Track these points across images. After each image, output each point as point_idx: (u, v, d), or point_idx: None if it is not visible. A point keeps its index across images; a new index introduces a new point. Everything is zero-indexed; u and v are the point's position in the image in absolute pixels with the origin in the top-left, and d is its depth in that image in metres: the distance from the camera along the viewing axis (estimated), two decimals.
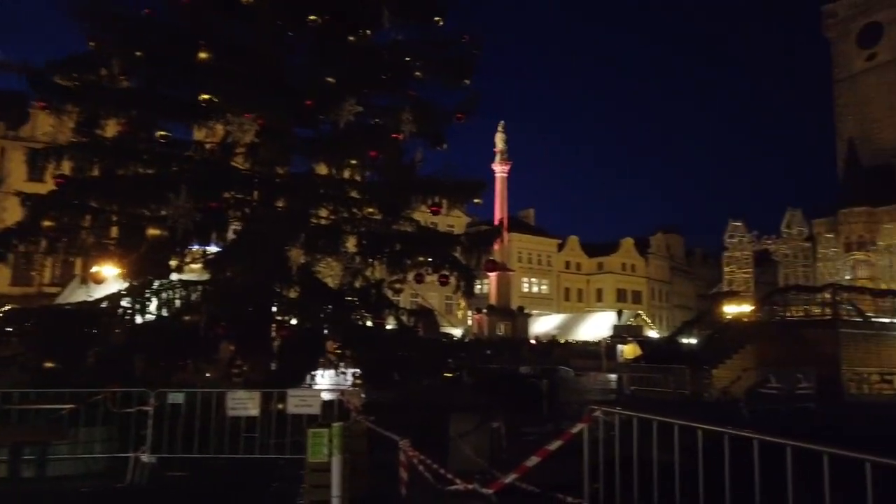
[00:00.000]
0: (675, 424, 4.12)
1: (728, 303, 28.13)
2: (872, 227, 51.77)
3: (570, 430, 5.01)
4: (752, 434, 3.95)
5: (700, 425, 3.95)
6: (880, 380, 21.41)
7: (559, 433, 9.67)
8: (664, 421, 4.31)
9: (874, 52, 61.38)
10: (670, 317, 72.36)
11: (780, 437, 3.76)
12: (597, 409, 4.95)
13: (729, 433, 3.75)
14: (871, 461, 3.23)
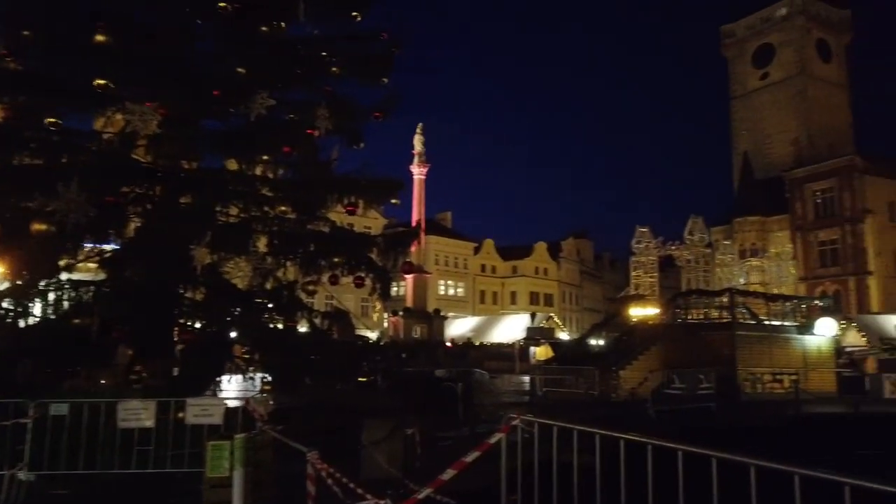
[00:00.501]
0: (597, 434, 4.06)
1: (635, 306, 29.28)
2: (764, 235, 55.62)
3: (489, 441, 4.86)
4: (648, 440, 3.96)
5: (622, 435, 3.91)
6: (772, 379, 22.85)
7: (476, 440, 9.59)
8: (585, 430, 4.23)
9: (767, 71, 65.97)
10: (580, 319, 74.75)
11: (674, 441, 3.82)
12: (516, 417, 4.83)
13: (653, 443, 3.73)
14: (755, 465, 3.36)
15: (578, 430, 4.24)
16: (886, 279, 51.16)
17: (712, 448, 3.62)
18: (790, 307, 26.52)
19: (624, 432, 3.87)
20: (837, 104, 64.94)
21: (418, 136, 36.36)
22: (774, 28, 65.47)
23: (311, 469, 6.27)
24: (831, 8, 65.66)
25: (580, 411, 16.98)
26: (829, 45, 65.39)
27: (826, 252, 52.85)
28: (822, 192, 54.16)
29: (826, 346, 25.23)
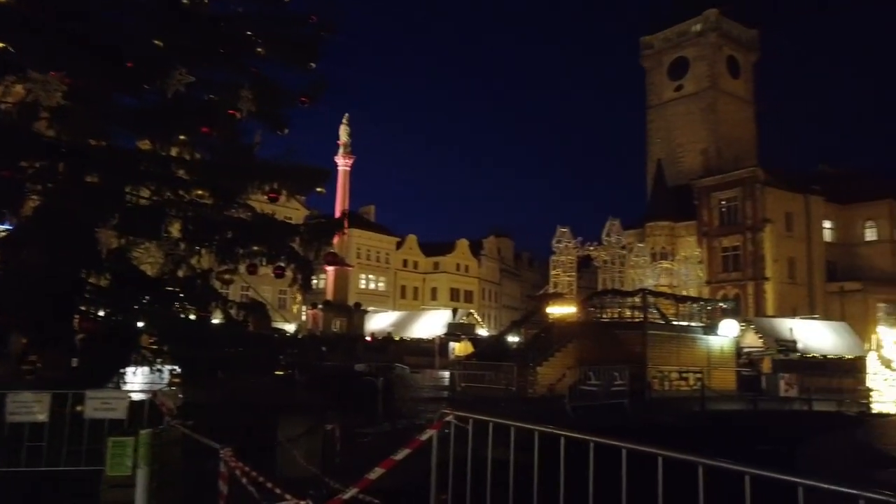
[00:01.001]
0: (536, 430, 3.99)
1: (553, 304, 29.95)
2: (674, 239, 58.35)
3: (419, 437, 4.69)
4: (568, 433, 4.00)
5: (562, 432, 3.86)
6: (679, 377, 23.96)
7: (397, 436, 9.39)
8: (522, 427, 4.15)
9: (681, 84, 69.10)
10: (499, 316, 75.97)
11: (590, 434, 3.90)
12: (448, 413, 4.68)
13: (594, 441, 3.70)
14: (662, 455, 3.60)
15: (515, 427, 4.16)
16: (781, 284, 54.78)
17: (617, 438, 3.78)
18: (697, 308, 27.90)
19: (559, 429, 3.84)
20: (744, 118, 68.90)
21: (344, 126, 35.72)
22: (689, 42, 68.62)
23: (224, 467, 5.92)
24: (742, 27, 69.55)
25: (499, 407, 17.16)
26: (739, 62, 69.23)
27: (729, 258, 56.01)
28: (727, 201, 57.27)
29: (728, 346, 26.71)
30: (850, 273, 57.20)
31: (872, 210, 58.65)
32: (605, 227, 34.28)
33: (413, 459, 5.04)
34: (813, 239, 56.98)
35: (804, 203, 57.03)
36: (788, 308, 51.94)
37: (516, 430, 4.18)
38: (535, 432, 3.95)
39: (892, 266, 57.51)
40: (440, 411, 4.79)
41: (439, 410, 4.85)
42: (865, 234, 59.18)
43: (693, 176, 61.61)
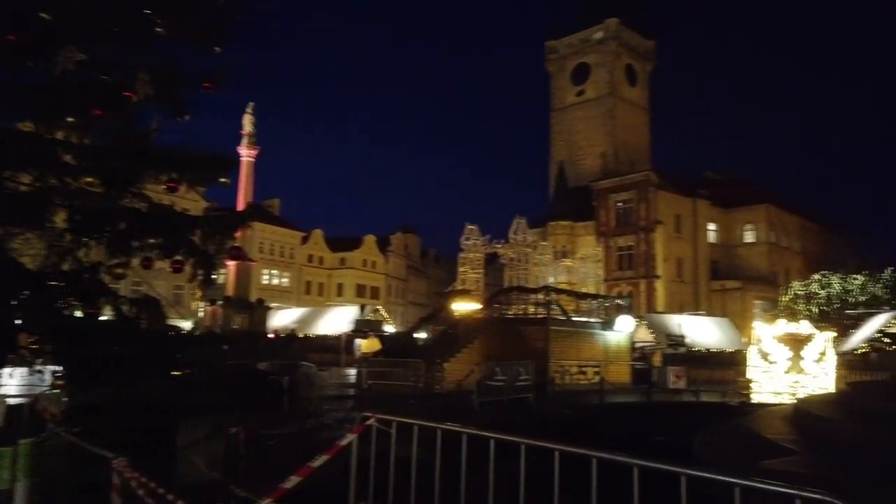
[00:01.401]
0: (464, 433, 3.91)
1: (460, 300, 30.25)
2: (573, 239, 60.62)
3: (339, 443, 4.49)
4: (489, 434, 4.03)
5: (493, 435, 3.80)
6: (578, 371, 24.88)
7: (305, 437, 9.08)
8: (450, 429, 4.06)
9: (583, 89, 71.82)
10: (405, 313, 75.96)
11: (493, 431, 3.97)
12: (370, 416, 4.52)
13: (525, 443, 3.67)
14: (559, 450, 3.71)
15: (442, 429, 4.07)
16: (670, 283, 58.22)
17: (525, 436, 3.85)
18: (595, 305, 29.08)
19: (489, 431, 3.80)
20: (639, 124, 72.58)
21: (249, 115, 34.29)
22: (591, 49, 71.39)
23: (118, 478, 5.46)
24: (639, 37, 73.15)
25: (408, 404, 17.09)
26: (636, 71, 72.80)
27: (624, 257, 58.92)
28: (623, 203, 60.16)
29: (624, 341, 28.03)
30: (730, 272, 61.66)
31: (751, 214, 63.47)
32: (512, 226, 35.07)
33: (330, 462, 4.83)
34: (699, 240, 60.91)
35: (692, 206, 60.84)
36: (676, 305, 55.32)
37: (424, 431, 4.08)
38: (464, 435, 3.88)
39: (767, 266, 62.58)
40: (362, 414, 4.60)
41: (354, 412, 4.67)
42: (745, 237, 63.97)
43: (592, 178, 64.22)
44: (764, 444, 7.88)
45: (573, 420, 14.95)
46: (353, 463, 4.57)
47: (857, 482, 5.22)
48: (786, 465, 6.09)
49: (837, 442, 6.78)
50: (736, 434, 9.83)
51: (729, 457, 8.03)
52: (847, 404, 8.33)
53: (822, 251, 69.51)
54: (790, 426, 8.58)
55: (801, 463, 6.17)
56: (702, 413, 17.12)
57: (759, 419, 9.46)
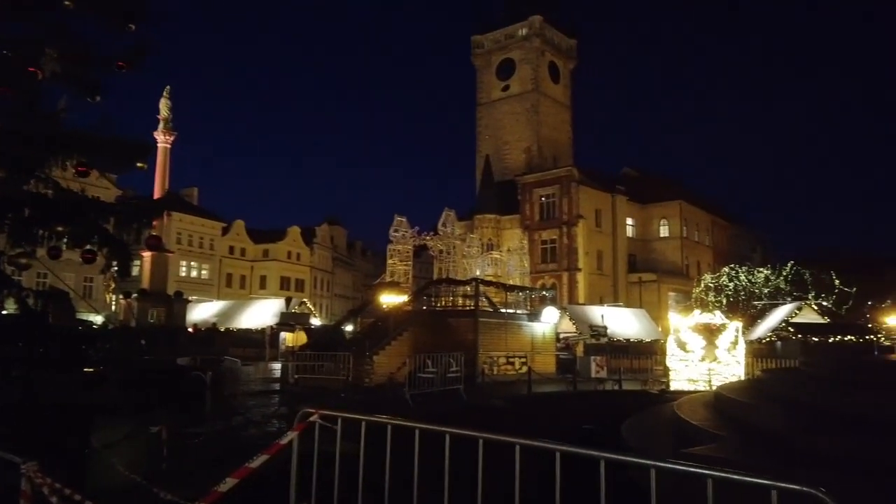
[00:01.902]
0: (416, 428, 3.76)
1: (389, 292, 29.98)
2: (500, 231, 61.42)
3: (280, 441, 4.25)
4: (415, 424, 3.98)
5: (444, 429, 3.68)
6: (506, 362, 25.22)
7: (231, 434, 8.71)
8: (402, 424, 3.90)
9: (508, 84, 72.69)
10: (331, 305, 74.88)
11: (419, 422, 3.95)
12: (313, 412, 4.29)
13: (484, 437, 3.57)
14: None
15: (392, 425, 3.91)
16: (591, 275, 60.00)
17: (456, 425, 3.85)
18: (522, 297, 29.54)
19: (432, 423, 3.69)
20: (562, 121, 74.22)
21: (165, 100, 32.65)
22: (516, 45, 72.30)
23: (27, 484, 5.01)
24: (562, 35, 74.72)
25: (338, 398, 16.79)
26: (559, 68, 74.34)
27: (547, 250, 60.24)
28: (547, 197, 61.41)
29: (549, 332, 28.63)
30: (646, 265, 64.24)
31: (666, 210, 66.29)
32: (441, 218, 35.04)
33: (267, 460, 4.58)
34: (618, 234, 63.05)
35: (611, 202, 62.86)
36: (596, 296, 57.09)
37: (368, 425, 3.93)
38: (416, 430, 3.74)
39: (680, 259, 65.63)
40: (303, 410, 4.36)
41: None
42: (660, 231, 66.75)
43: (517, 172, 65.17)
44: (689, 430, 8.16)
45: (503, 410, 15.10)
46: (294, 462, 4.33)
47: (779, 465, 5.46)
48: (712, 450, 6.30)
49: (757, 427, 7.07)
50: (661, 420, 10.16)
51: (657, 443, 8.27)
52: (763, 391, 8.75)
53: (730, 246, 73.71)
54: (712, 412, 8.93)
55: (726, 448, 6.40)
56: (625, 401, 17.69)
57: (682, 406, 9.81)
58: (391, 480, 3.92)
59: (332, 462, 4.18)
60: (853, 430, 5.70)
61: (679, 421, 8.96)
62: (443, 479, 3.73)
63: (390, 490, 3.88)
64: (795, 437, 6.02)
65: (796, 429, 6.34)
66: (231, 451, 8.16)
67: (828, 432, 5.85)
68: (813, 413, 6.56)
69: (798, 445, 5.80)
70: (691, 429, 8.15)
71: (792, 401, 7.44)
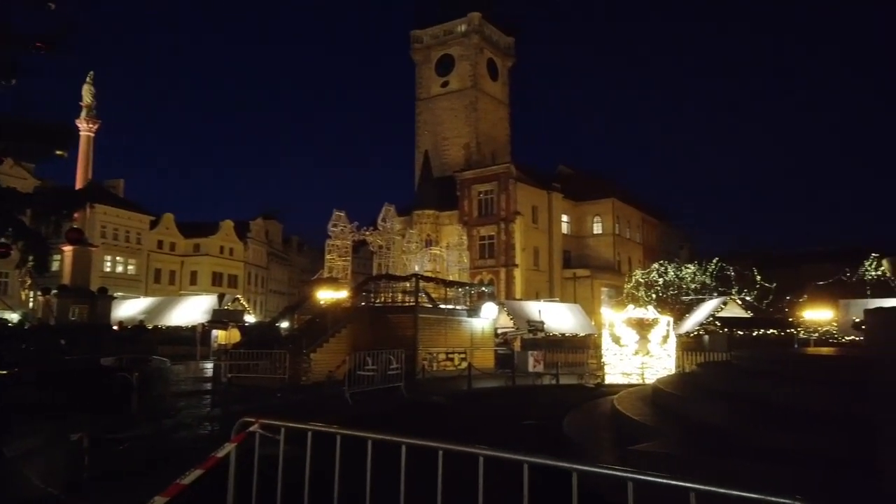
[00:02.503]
0: (369, 439, 3.54)
1: (327, 288, 29.41)
2: (438, 227, 61.45)
3: (216, 454, 3.90)
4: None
5: (406, 440, 3.47)
6: (445, 358, 25.19)
7: (162, 439, 8.25)
8: (352, 434, 3.67)
9: (447, 80, 72.71)
10: (265, 302, 73.12)
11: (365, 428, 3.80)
12: (253, 421, 3.99)
13: (407, 442, 3.39)
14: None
15: (342, 435, 3.67)
16: (528, 271, 60.88)
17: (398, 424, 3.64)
18: (462, 293, 29.59)
19: (374, 422, 3.50)
20: (500, 118, 74.86)
21: (88, 86, 30.93)
22: (455, 41, 72.38)
23: None
24: (500, 33, 75.30)
25: (274, 398, 16.29)
26: (497, 66, 74.89)
27: (485, 245, 60.72)
28: (485, 194, 61.86)
29: (488, 327, 28.78)
30: (580, 261, 65.74)
31: (599, 207, 67.99)
32: (381, 213, 34.60)
33: (189, 461, 4.23)
34: (553, 231, 64.21)
35: (547, 199, 63.93)
36: (532, 292, 58.02)
37: (368, 443, 3.67)
38: (369, 440, 3.52)
39: (612, 256, 67.48)
40: (242, 420, 4.03)
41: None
42: (593, 228, 68.41)
43: (456, 168, 65.36)
44: (629, 425, 8.26)
45: (444, 407, 15.03)
46: (231, 477, 3.98)
47: (722, 460, 5.53)
48: (655, 446, 6.34)
49: (696, 422, 7.19)
50: (601, 415, 10.29)
51: (598, 439, 8.33)
52: (699, 384, 8.95)
53: (659, 243, 76.39)
54: (651, 407, 9.07)
55: (669, 444, 6.45)
56: (563, 395, 17.96)
57: (621, 401, 9.95)
58: (341, 491, 3.69)
59: (275, 474, 3.91)
60: (791, 423, 5.86)
61: (619, 416, 9.06)
62: (398, 491, 3.55)
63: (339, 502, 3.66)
64: (735, 431, 6.15)
65: (735, 423, 6.48)
66: (161, 457, 7.72)
67: (766, 426, 6.00)
68: (751, 407, 6.72)
69: (738, 439, 5.93)
70: (631, 424, 8.25)
71: (730, 395, 7.60)
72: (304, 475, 3.78)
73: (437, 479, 3.44)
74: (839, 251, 61.45)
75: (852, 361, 7.57)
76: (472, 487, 3.30)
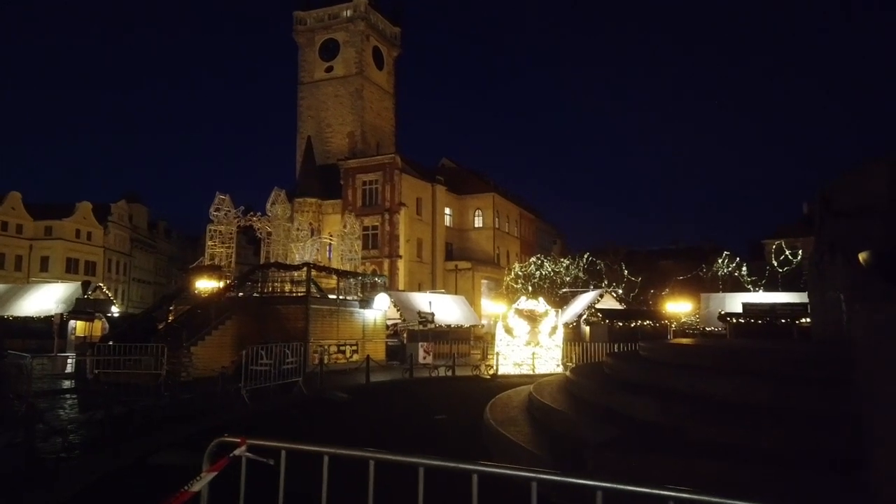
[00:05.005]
0: (370, 459, 2.98)
1: (209, 277, 27.50)
2: (321, 216, 59.90)
3: (187, 489, 2.99)
4: None
5: (401, 458, 2.97)
6: (337, 350, 24.42)
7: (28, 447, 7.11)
8: (387, 459, 3.10)
9: (332, 65, 70.85)
10: (128, 291, 67.62)
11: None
12: (237, 441, 3.15)
13: (373, 457, 2.94)
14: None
15: (328, 455, 3.08)
16: (411, 262, 60.95)
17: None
18: (354, 283, 28.86)
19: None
20: (385, 108, 74.16)
21: None
22: (340, 26, 70.63)
23: None
24: (387, 22, 74.52)
25: (156, 396, 14.93)
26: (383, 55, 74.07)
27: (369, 236, 59.99)
28: (370, 184, 61.08)
29: (380, 319, 28.32)
30: (462, 254, 66.90)
31: (480, 201, 69.52)
32: (271, 197, 32.80)
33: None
34: (437, 223, 64.77)
35: (431, 191, 64.33)
36: (415, 283, 58.21)
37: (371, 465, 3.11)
38: (371, 461, 2.98)
39: (492, 249, 69.28)
40: (221, 439, 3.25)
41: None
42: (475, 222, 69.88)
43: (340, 156, 63.99)
44: (562, 422, 8.12)
45: (349, 403, 14.47)
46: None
47: (673, 460, 5.48)
48: (606, 449, 6.11)
49: (629, 417, 7.03)
50: (523, 410, 10.14)
51: (541, 440, 8.03)
52: (622, 378, 9.00)
53: (535, 237, 79.54)
54: (575, 401, 8.97)
55: (615, 445, 6.23)
56: (463, 387, 17.99)
57: (542, 393, 9.94)
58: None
59: None
60: (740, 419, 5.98)
61: (545, 411, 8.93)
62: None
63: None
64: (680, 427, 6.12)
65: (677, 419, 6.39)
66: (34, 470, 6.68)
67: (711, 422, 6.05)
68: (689, 402, 6.75)
69: (684, 437, 5.91)
70: (562, 421, 8.13)
71: (662, 390, 7.51)
72: None
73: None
74: (694, 249, 67.26)
75: (791, 356, 7.96)
76: None
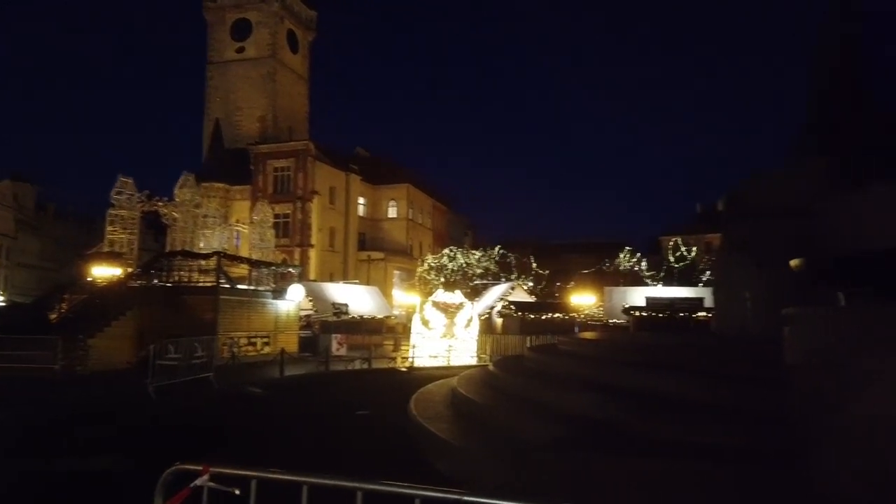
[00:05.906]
0: (359, 490, 2.61)
1: (109, 264, 25.72)
2: (229, 202, 57.62)
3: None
4: None
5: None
6: (248, 343, 23.61)
7: None
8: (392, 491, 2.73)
9: (243, 46, 68.06)
10: (12, 277, 62.40)
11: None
12: (198, 469, 2.66)
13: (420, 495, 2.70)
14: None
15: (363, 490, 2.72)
16: (323, 252, 59.90)
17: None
18: (267, 273, 27.96)
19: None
20: (299, 93, 72.12)
21: None
22: (253, 6, 67.93)
23: None
24: (303, 5, 72.41)
25: (46, 392, 13.84)
26: (298, 39, 71.94)
27: (280, 224, 58.29)
28: (281, 170, 59.36)
29: (293, 310, 27.62)
30: (375, 244, 66.48)
31: (394, 192, 69.31)
32: (179, 182, 30.98)
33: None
34: (350, 212, 63.96)
35: (345, 180, 63.41)
36: (327, 273, 57.28)
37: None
38: (359, 492, 2.68)
39: (405, 240, 69.27)
40: (177, 467, 2.79)
41: (203, 467, 2.67)
42: (388, 212, 69.58)
43: (250, 141, 61.72)
44: (492, 417, 8.06)
45: (264, 399, 14.03)
46: None
47: (635, 461, 5.47)
48: (557, 451, 6.02)
49: (575, 415, 6.90)
50: (450, 407, 9.90)
51: (478, 439, 7.65)
52: (553, 373, 9.13)
53: (447, 229, 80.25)
54: (505, 398, 8.72)
55: (565, 445, 6.13)
56: (382, 380, 17.89)
57: (469, 388, 9.91)
58: None
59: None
60: (696, 417, 6.04)
61: (481, 408, 8.59)
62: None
63: None
64: (634, 426, 6.10)
65: (628, 417, 6.39)
66: None
67: (667, 420, 6.08)
68: (637, 399, 6.75)
69: (639, 435, 5.95)
70: (497, 417, 7.96)
71: (603, 385, 7.47)
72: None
73: None
74: (598, 244, 70.09)
75: (727, 354, 8.21)
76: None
